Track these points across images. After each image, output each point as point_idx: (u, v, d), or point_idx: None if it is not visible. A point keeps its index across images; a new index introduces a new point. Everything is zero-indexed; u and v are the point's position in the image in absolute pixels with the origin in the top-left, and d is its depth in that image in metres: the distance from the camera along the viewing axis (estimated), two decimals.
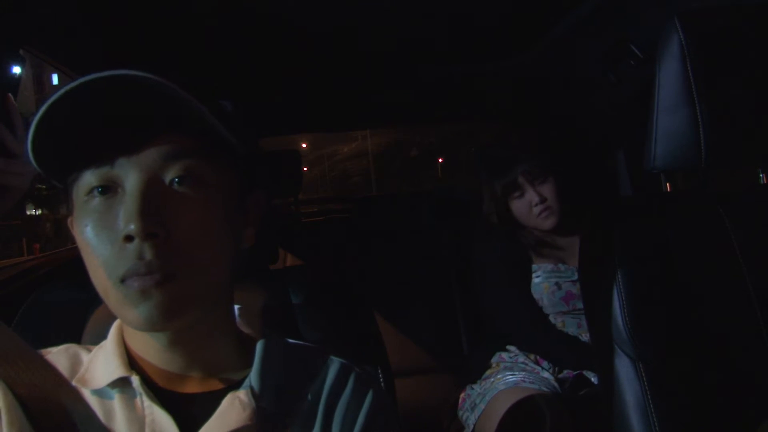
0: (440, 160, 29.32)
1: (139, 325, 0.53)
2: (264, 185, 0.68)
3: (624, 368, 0.88)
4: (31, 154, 0.51)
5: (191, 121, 0.53)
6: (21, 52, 1.13)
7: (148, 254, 0.50)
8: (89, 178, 0.53)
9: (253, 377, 0.61)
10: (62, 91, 0.49)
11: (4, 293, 1.30)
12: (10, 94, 0.79)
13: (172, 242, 0.52)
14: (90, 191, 0.54)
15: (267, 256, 1.04)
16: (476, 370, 1.66)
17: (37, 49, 1.20)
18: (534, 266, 1.66)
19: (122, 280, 0.51)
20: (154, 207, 0.51)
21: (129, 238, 0.50)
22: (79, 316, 0.87)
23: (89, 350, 0.65)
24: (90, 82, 0.49)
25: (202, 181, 0.55)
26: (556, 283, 1.61)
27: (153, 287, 0.51)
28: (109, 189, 0.53)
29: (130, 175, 0.53)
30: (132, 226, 0.50)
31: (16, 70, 1.11)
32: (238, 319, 0.69)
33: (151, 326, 0.53)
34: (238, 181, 0.61)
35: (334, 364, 0.66)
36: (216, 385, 0.61)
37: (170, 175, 0.54)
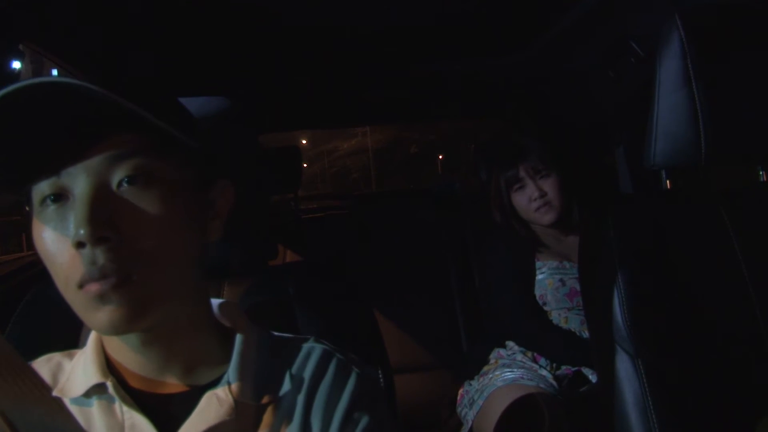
0: (440, 157, 29.30)
1: (102, 329, 0.52)
2: (232, 176, 0.67)
3: (623, 366, 0.88)
4: None
5: (134, 122, 0.52)
6: (20, 47, 1.13)
7: (101, 259, 0.50)
8: (42, 187, 0.53)
9: (231, 372, 0.61)
10: None
11: (3, 289, 1.30)
12: None
13: (126, 244, 0.51)
14: (43, 200, 0.53)
15: (266, 252, 1.04)
16: (474, 367, 1.67)
17: (36, 44, 1.20)
18: (539, 263, 1.66)
19: (80, 287, 0.51)
20: (103, 211, 0.51)
21: (81, 245, 0.50)
22: None
23: (72, 357, 0.65)
24: (9, 94, 0.48)
25: (153, 179, 0.54)
26: (561, 280, 1.62)
27: (110, 291, 0.50)
28: (60, 197, 0.53)
29: (78, 182, 0.52)
30: (81, 232, 0.49)
31: (16, 65, 1.11)
32: (218, 313, 0.68)
33: (115, 330, 0.52)
34: (195, 174, 0.60)
35: (316, 351, 0.66)
36: (195, 383, 0.61)
37: (119, 176, 0.53)
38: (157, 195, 0.54)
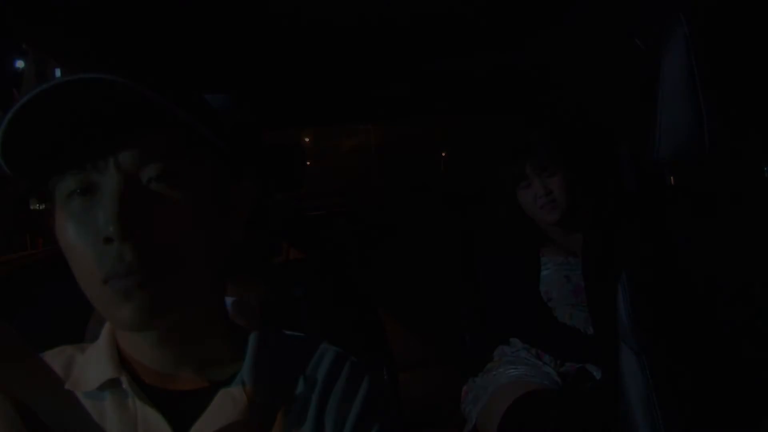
0: (443, 155, 29.31)
1: (123, 325, 0.53)
2: (253, 176, 0.67)
3: (628, 362, 0.88)
4: (3, 161, 0.51)
5: (165, 120, 0.52)
6: (23, 46, 1.13)
7: (129, 255, 0.50)
8: (68, 180, 0.53)
9: (245, 372, 0.60)
10: (25, 99, 0.48)
11: (7, 287, 1.30)
12: (15, 90, 0.79)
13: (152, 242, 0.52)
14: (70, 193, 0.53)
15: (270, 250, 1.04)
16: (478, 364, 1.67)
17: (38, 44, 1.20)
18: (544, 259, 1.66)
19: (104, 282, 0.51)
20: (133, 208, 0.51)
21: (108, 240, 0.50)
22: (82, 310, 0.87)
23: (84, 350, 0.65)
24: (52, 88, 0.48)
25: (181, 179, 0.54)
26: (566, 276, 1.61)
27: (135, 288, 0.51)
28: (88, 191, 0.53)
29: (108, 177, 0.52)
30: (111, 228, 0.49)
31: (19, 64, 1.11)
32: (231, 311, 0.68)
33: (136, 326, 0.53)
34: (220, 175, 0.60)
35: (329, 353, 0.66)
36: (209, 380, 0.61)
37: (148, 174, 0.53)
38: (185, 194, 0.54)
